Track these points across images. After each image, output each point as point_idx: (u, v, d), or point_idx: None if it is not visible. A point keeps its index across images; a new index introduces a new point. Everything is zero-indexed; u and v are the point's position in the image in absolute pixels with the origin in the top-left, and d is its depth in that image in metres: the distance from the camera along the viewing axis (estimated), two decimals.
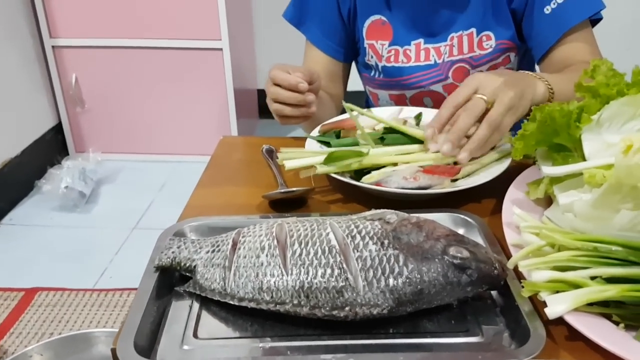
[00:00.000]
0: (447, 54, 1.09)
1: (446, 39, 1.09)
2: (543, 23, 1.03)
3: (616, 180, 0.53)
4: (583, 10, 1.02)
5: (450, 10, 1.07)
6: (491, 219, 0.77)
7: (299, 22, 1.18)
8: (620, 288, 0.52)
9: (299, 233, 0.61)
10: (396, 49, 1.12)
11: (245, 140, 1.16)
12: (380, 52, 1.13)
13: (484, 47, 1.08)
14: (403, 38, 1.11)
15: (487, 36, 1.07)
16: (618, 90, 0.66)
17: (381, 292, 0.55)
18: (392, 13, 1.11)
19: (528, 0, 1.04)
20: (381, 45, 1.13)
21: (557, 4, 1.01)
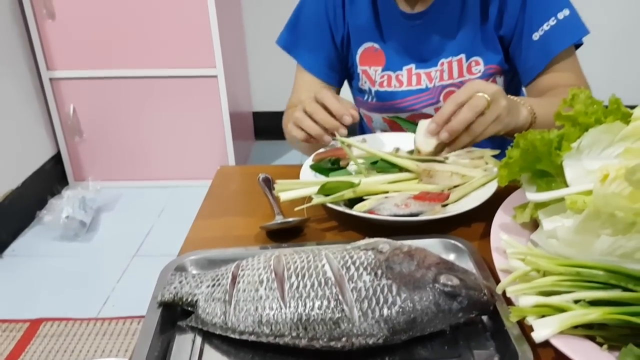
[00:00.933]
0: (438, 79, 1.12)
1: (436, 64, 1.12)
2: (531, 50, 1.06)
3: (594, 208, 0.56)
4: (569, 37, 1.05)
5: (440, 37, 1.11)
6: (481, 242, 0.79)
7: (292, 48, 1.21)
8: (603, 311, 0.54)
9: (295, 265, 0.63)
10: (389, 74, 1.15)
11: (242, 169, 1.19)
12: (373, 77, 1.16)
13: (473, 72, 1.11)
14: (395, 64, 1.15)
15: (476, 61, 1.11)
16: (596, 118, 0.69)
17: (376, 322, 0.57)
18: (384, 41, 1.14)
19: (516, 27, 1.07)
20: (374, 70, 1.16)
21: (544, 31, 1.04)
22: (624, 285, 0.56)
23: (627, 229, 0.54)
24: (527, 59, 1.08)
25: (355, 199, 0.84)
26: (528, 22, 1.05)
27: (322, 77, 1.20)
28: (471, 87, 0.84)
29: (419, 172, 0.85)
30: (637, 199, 0.52)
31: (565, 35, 1.04)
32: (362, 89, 1.20)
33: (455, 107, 0.84)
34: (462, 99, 0.83)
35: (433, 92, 1.13)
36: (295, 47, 1.21)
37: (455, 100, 0.84)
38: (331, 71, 1.20)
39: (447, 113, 0.84)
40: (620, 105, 0.69)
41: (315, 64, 1.19)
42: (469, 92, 0.83)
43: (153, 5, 2.31)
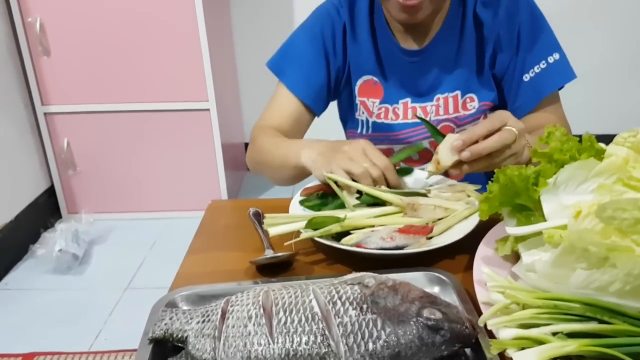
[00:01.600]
0: (434, 113, 1.15)
1: (432, 99, 1.15)
2: (522, 90, 1.10)
3: (569, 243, 0.58)
4: (557, 80, 1.10)
5: (437, 73, 1.14)
6: (465, 275, 0.81)
7: (280, 70, 1.19)
8: (579, 343, 0.56)
9: (283, 301, 0.64)
10: (386, 106, 1.18)
11: (233, 203, 1.21)
12: (371, 108, 1.19)
13: (468, 108, 1.14)
14: (393, 97, 1.17)
15: (471, 98, 1.14)
16: (570, 155, 0.71)
17: (361, 356, 0.58)
18: (383, 75, 1.17)
19: (509, 67, 1.11)
20: (372, 102, 1.19)
21: (535, 73, 1.09)
22: (600, 318, 0.57)
23: (600, 263, 0.56)
24: (517, 98, 1.11)
25: (342, 233, 0.86)
26: (520, 64, 1.09)
27: (307, 102, 1.18)
28: (504, 116, 0.88)
29: (404, 206, 0.87)
30: (608, 234, 0.54)
31: (555, 78, 1.09)
32: (359, 119, 1.23)
33: (486, 132, 0.86)
34: (495, 127, 0.86)
35: None
36: (284, 70, 1.20)
37: (488, 126, 0.86)
38: (317, 98, 1.20)
39: (477, 135, 0.86)
40: (593, 142, 0.71)
41: (302, 88, 1.18)
42: (502, 122, 0.86)
43: (146, 41, 2.35)
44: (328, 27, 1.17)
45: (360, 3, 1.16)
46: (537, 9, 1.11)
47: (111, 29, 2.33)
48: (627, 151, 0.67)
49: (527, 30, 1.08)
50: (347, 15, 1.16)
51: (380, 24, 1.15)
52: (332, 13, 1.17)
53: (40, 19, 2.31)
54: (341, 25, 1.16)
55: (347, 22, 1.16)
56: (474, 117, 1.14)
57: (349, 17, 1.16)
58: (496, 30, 1.09)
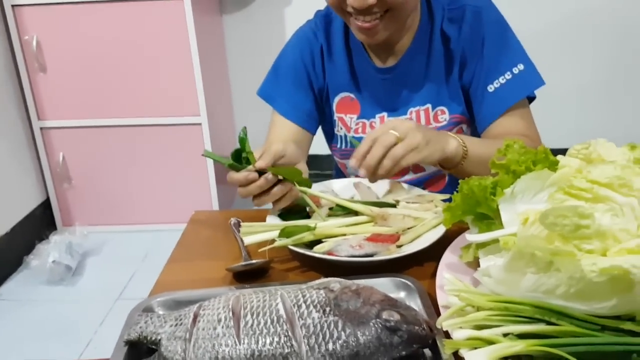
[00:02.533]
0: None
1: (406, 112, 1.19)
2: (486, 100, 1.13)
3: (518, 248, 0.60)
4: (522, 91, 1.12)
5: (408, 89, 1.18)
6: (431, 281, 0.83)
7: (272, 98, 1.25)
8: (527, 343, 0.58)
9: (252, 305, 0.66)
10: (363, 121, 1.22)
11: (215, 214, 1.23)
12: (349, 124, 1.23)
13: (440, 120, 1.17)
14: (369, 113, 1.21)
15: (442, 111, 1.17)
16: (526, 166, 0.74)
17: (322, 356, 0.60)
18: (359, 91, 1.21)
19: (473, 79, 1.14)
20: (350, 118, 1.23)
21: (500, 84, 1.11)
22: (548, 319, 0.59)
23: (546, 267, 0.59)
24: (482, 109, 1.14)
25: (317, 241, 0.89)
26: (484, 75, 1.12)
27: (300, 124, 1.23)
28: (385, 125, 0.92)
29: (374, 216, 0.90)
30: (552, 240, 0.57)
31: (519, 88, 1.11)
32: (338, 135, 1.26)
33: (370, 144, 0.89)
34: (375, 136, 0.90)
35: None
36: (274, 98, 1.25)
37: (370, 138, 0.90)
38: (309, 118, 1.25)
39: (363, 151, 0.90)
40: (548, 154, 0.74)
41: (293, 112, 1.23)
42: (382, 130, 0.90)
43: (139, 58, 2.38)
44: (307, 51, 1.22)
45: (335, 25, 1.20)
46: (503, 22, 1.14)
47: (105, 46, 2.37)
48: (579, 162, 0.70)
49: (491, 43, 1.11)
50: (323, 38, 1.21)
51: (355, 43, 1.18)
52: (309, 37, 1.22)
53: (36, 37, 2.34)
54: (318, 47, 1.21)
55: (324, 44, 1.21)
56: (446, 129, 1.17)
57: (325, 40, 1.21)
58: (461, 44, 1.13)
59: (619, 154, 0.66)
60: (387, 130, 0.90)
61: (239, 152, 0.94)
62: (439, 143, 0.95)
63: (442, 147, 0.96)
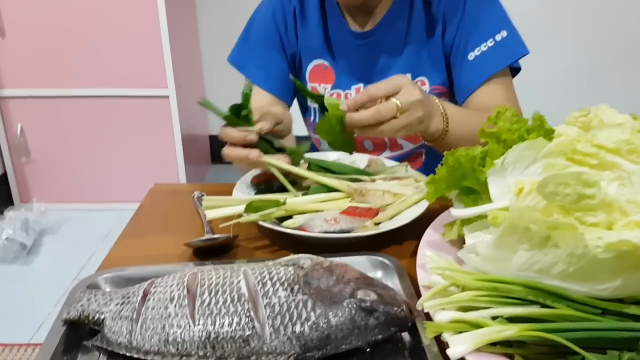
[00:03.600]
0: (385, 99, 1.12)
1: None
2: (465, 69, 1.07)
3: (510, 222, 0.54)
4: (504, 59, 1.06)
5: (387, 56, 1.11)
6: (411, 260, 0.77)
7: (242, 65, 1.18)
8: (519, 327, 0.52)
9: (210, 282, 0.59)
10: (338, 92, 1.15)
11: (177, 187, 1.15)
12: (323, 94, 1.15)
13: None
14: (344, 83, 1.14)
15: (422, 81, 1.11)
16: (519, 135, 0.68)
17: (288, 338, 0.54)
18: (334, 58, 1.14)
19: (454, 46, 1.08)
20: (324, 88, 1.16)
21: (481, 51, 1.05)
22: (542, 302, 0.54)
23: (542, 243, 0.53)
24: (461, 77, 1.08)
25: (287, 218, 0.82)
26: (464, 42, 1.06)
27: (274, 93, 1.17)
28: (395, 83, 0.82)
29: (351, 192, 0.83)
30: (551, 212, 0.51)
31: (501, 57, 1.05)
32: (311, 107, 1.19)
33: (367, 100, 0.81)
34: (378, 96, 0.81)
35: None
36: (245, 64, 1.18)
37: (372, 95, 0.81)
38: (283, 86, 1.18)
39: (359, 102, 0.81)
40: (543, 122, 0.68)
41: (265, 79, 1.16)
42: (388, 91, 0.81)
43: (104, 24, 2.27)
44: (279, 13, 1.15)
45: None
46: None
47: (69, 10, 2.25)
48: (577, 131, 0.64)
49: (472, 8, 1.05)
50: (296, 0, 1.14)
51: (331, 6, 1.12)
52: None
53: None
54: (291, 9, 1.14)
55: (297, 6, 1.14)
56: None
57: (298, 1, 1.14)
58: (442, 8, 1.07)
59: (623, 120, 0.60)
60: (391, 92, 0.81)
61: (239, 108, 0.86)
62: (428, 122, 0.88)
63: (429, 126, 0.89)
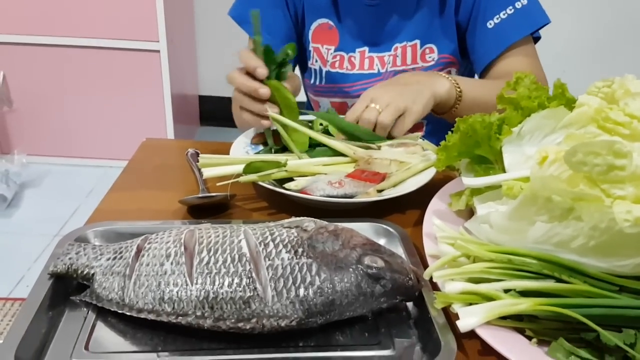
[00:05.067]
0: (391, 64, 1.09)
1: (390, 48, 1.08)
2: (485, 37, 1.04)
3: (531, 192, 0.53)
4: (525, 26, 1.02)
5: (396, 20, 1.07)
6: (414, 229, 0.75)
7: (243, 20, 1.12)
8: (533, 302, 0.51)
9: (209, 240, 0.57)
10: (341, 54, 1.11)
11: (170, 143, 1.12)
12: (325, 56, 1.12)
13: (427, 60, 1.08)
14: (349, 45, 1.10)
15: (430, 49, 1.07)
16: (539, 102, 0.66)
17: (290, 302, 0.52)
18: (339, 19, 1.10)
19: (472, 14, 1.04)
20: (327, 49, 1.12)
21: (501, 19, 1.02)
22: (558, 276, 0.52)
23: (564, 215, 0.51)
24: (480, 46, 1.05)
25: (287, 181, 0.80)
26: (483, 10, 1.03)
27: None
28: (365, 97, 0.88)
29: (357, 159, 0.81)
30: (576, 182, 0.49)
31: (521, 25, 1.02)
32: (312, 68, 1.15)
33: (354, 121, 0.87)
34: (357, 115, 0.87)
35: (385, 77, 1.10)
36: (247, 20, 1.12)
37: (352, 117, 0.87)
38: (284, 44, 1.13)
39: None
40: (565, 90, 0.66)
41: (268, 37, 1.10)
42: (363, 106, 0.87)
43: None
44: None
45: None
46: None
47: None
48: (599, 102, 0.62)
49: None
50: None
51: None
52: None
53: None
54: None
55: None
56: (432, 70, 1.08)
57: None
58: None
59: None
60: (365, 105, 0.87)
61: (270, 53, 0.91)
62: (426, 91, 0.88)
63: (433, 92, 0.89)
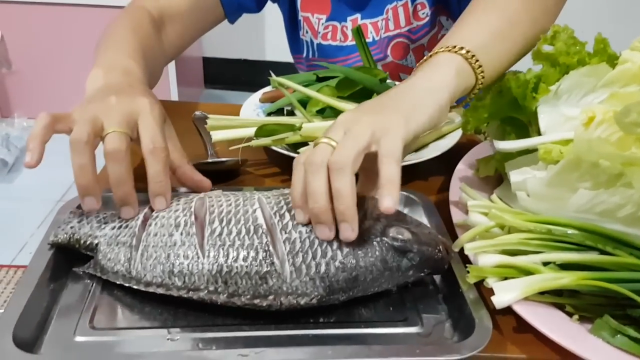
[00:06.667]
0: (384, 29, 1.02)
1: (382, 12, 1.02)
2: None
3: (575, 156, 0.49)
4: None
5: None
6: (437, 197, 0.72)
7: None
8: (576, 276, 0.47)
9: (221, 209, 0.54)
10: (334, 24, 1.04)
11: (174, 105, 1.07)
12: (316, 27, 1.05)
13: (420, 17, 1.01)
14: (340, 13, 1.03)
15: (422, 4, 1.00)
16: (579, 59, 0.61)
17: (310, 279, 0.49)
18: None
19: None
20: (317, 19, 1.05)
21: None
22: (602, 248, 0.49)
23: (611, 181, 0.47)
24: None
25: (300, 146, 0.76)
26: None
27: None
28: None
29: None
30: (627, 145, 0.45)
31: None
32: (303, 40, 1.09)
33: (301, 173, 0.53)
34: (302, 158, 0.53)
35: (380, 45, 1.03)
36: None
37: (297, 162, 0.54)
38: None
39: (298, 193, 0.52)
40: (607, 45, 0.61)
41: None
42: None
43: None
44: None
45: None
46: None
47: None
48: None
49: None
50: None
51: None
52: None
53: None
54: None
55: None
56: (428, 27, 1.01)
57: None
58: None
59: None
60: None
61: None
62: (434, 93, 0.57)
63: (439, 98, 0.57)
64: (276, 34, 1.12)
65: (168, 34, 0.88)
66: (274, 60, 2.84)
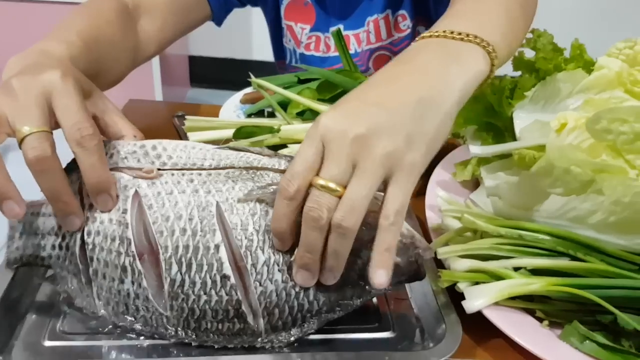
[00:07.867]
0: (365, 42, 1.02)
1: (364, 24, 1.01)
2: None
3: (547, 162, 0.49)
4: None
5: None
6: (415, 201, 0.72)
7: None
8: (547, 282, 0.48)
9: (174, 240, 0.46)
10: (317, 35, 1.04)
11: (155, 105, 1.07)
12: (299, 37, 1.04)
13: (401, 29, 1.01)
14: (324, 24, 1.03)
15: (403, 16, 1.00)
16: (555, 65, 0.62)
17: (286, 332, 0.47)
18: None
19: None
20: (301, 29, 1.04)
21: None
22: (573, 254, 0.49)
23: (582, 188, 0.48)
24: None
25: (278, 148, 0.76)
26: None
27: None
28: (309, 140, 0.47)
29: None
30: (598, 152, 0.46)
31: None
32: (287, 47, 1.08)
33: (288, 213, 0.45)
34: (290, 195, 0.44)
35: (362, 57, 1.03)
36: None
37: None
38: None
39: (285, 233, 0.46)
40: (583, 51, 0.62)
41: None
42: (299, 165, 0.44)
43: None
44: None
45: None
46: None
47: None
48: (620, 64, 0.58)
49: None
50: None
51: None
52: None
53: None
54: None
55: None
56: (410, 39, 1.01)
57: None
58: None
59: None
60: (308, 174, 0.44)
61: None
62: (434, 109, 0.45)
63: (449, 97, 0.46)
64: (264, 33, 1.12)
65: (145, 27, 0.82)
66: (262, 60, 2.84)
